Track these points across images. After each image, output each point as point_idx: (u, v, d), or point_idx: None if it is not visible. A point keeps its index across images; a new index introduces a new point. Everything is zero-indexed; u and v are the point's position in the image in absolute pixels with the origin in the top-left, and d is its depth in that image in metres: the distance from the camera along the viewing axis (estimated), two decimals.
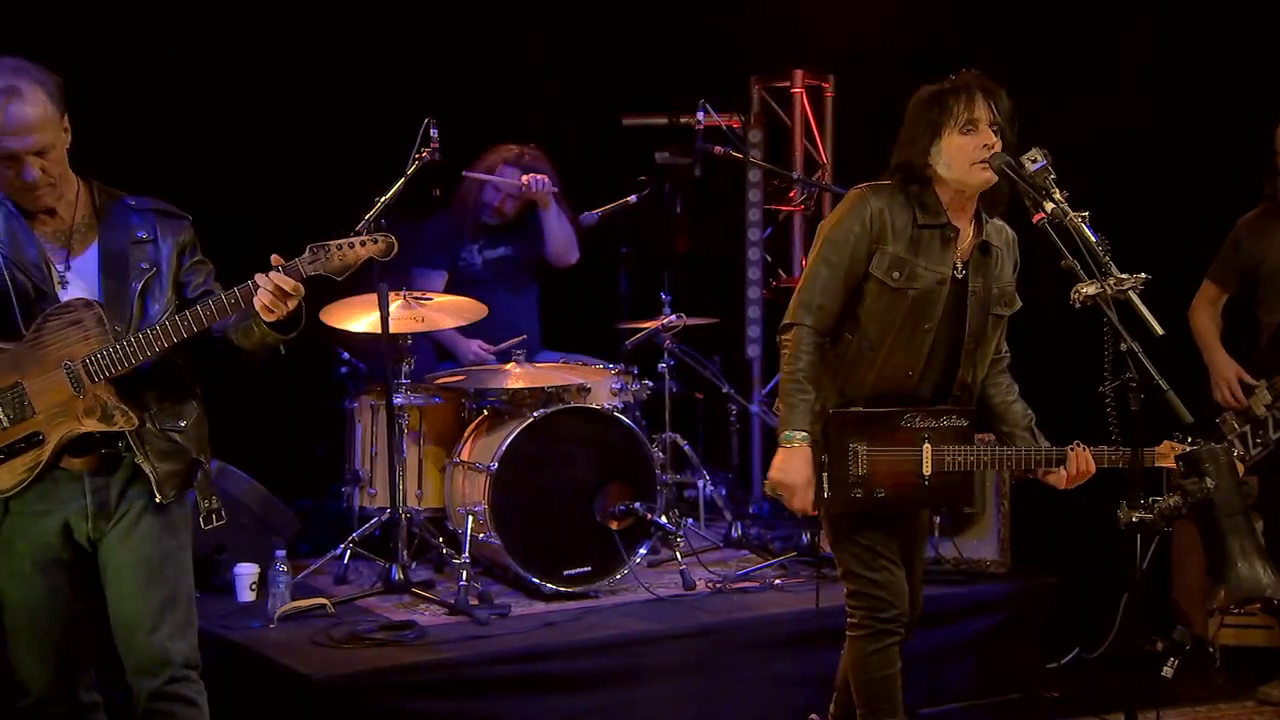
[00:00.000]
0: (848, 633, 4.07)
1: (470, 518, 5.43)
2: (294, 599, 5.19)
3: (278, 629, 5.00)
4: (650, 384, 6.03)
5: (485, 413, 5.81)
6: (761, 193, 7.41)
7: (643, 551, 5.53)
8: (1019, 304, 4.00)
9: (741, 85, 7.61)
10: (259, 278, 3.28)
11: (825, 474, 3.84)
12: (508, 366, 5.79)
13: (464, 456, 5.65)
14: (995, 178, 3.76)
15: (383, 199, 5.28)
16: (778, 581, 5.54)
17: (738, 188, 7.48)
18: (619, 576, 5.47)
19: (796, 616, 5.11)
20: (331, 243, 3.32)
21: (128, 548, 3.39)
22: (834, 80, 7.53)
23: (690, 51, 7.37)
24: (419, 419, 5.79)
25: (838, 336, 3.87)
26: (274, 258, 3.31)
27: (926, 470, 3.82)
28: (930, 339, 3.84)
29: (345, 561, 5.69)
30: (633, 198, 6.53)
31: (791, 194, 7.44)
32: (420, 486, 5.80)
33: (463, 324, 5.90)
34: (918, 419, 3.82)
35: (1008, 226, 4.00)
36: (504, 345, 6.07)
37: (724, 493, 6.52)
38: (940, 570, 5.37)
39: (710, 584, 5.55)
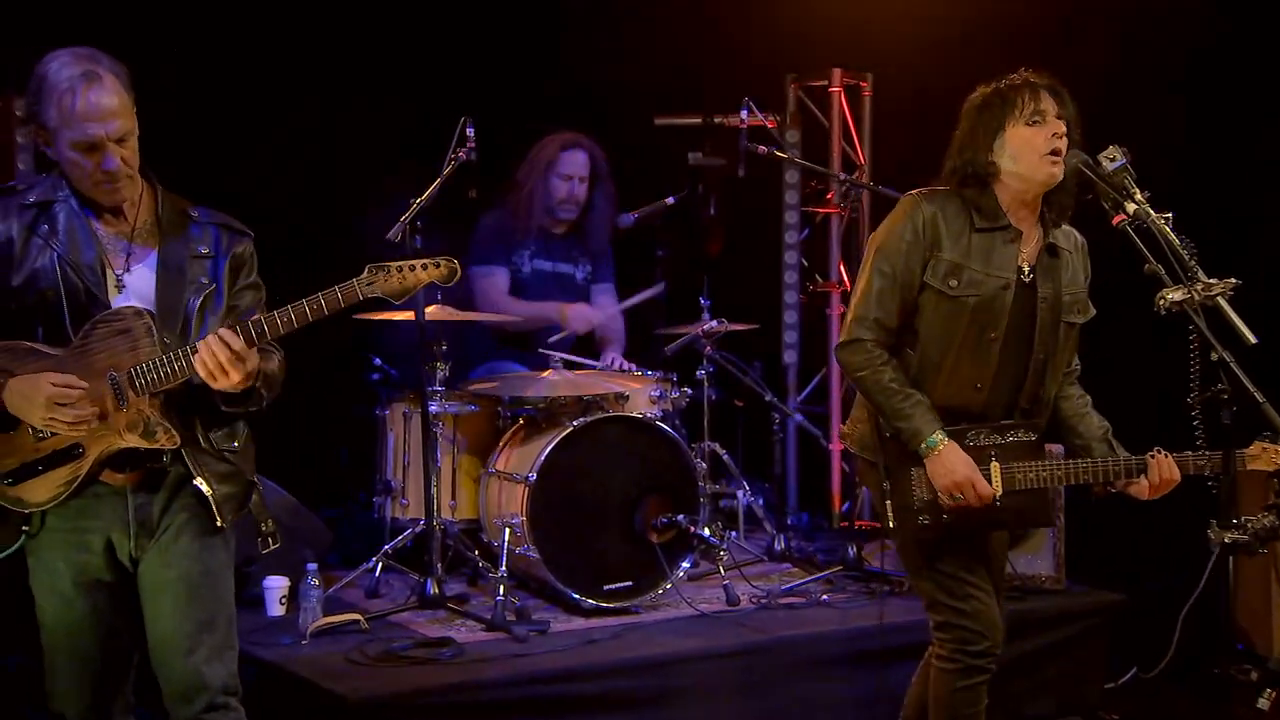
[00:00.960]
0: (935, 663, 3.86)
1: (507, 530, 5.26)
2: (326, 614, 5.02)
3: (310, 645, 4.83)
4: (689, 391, 5.85)
5: (521, 421, 5.63)
6: (799, 194, 7.23)
7: (685, 565, 5.35)
8: (1092, 311, 3.82)
9: (776, 84, 7.43)
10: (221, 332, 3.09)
11: (889, 501, 3.68)
12: (544, 374, 5.60)
13: (500, 466, 5.47)
14: (1061, 174, 3.59)
15: (418, 201, 5.11)
16: (825, 597, 5.35)
17: (772, 189, 7.30)
18: (661, 591, 5.29)
19: (848, 634, 4.95)
20: (392, 264, 3.16)
21: (167, 565, 3.26)
22: (872, 79, 7.33)
23: (723, 50, 7.18)
24: (453, 427, 5.61)
25: (898, 353, 3.69)
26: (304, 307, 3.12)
27: (997, 489, 3.64)
28: (997, 348, 3.65)
29: (377, 574, 5.51)
30: (671, 199, 6.37)
31: (829, 196, 7.25)
32: (454, 497, 5.62)
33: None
34: (983, 436, 3.64)
35: (1076, 232, 3.82)
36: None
37: (762, 503, 6.32)
38: None
39: (754, 599, 5.37)
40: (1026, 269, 3.67)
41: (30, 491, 3.18)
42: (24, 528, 3.22)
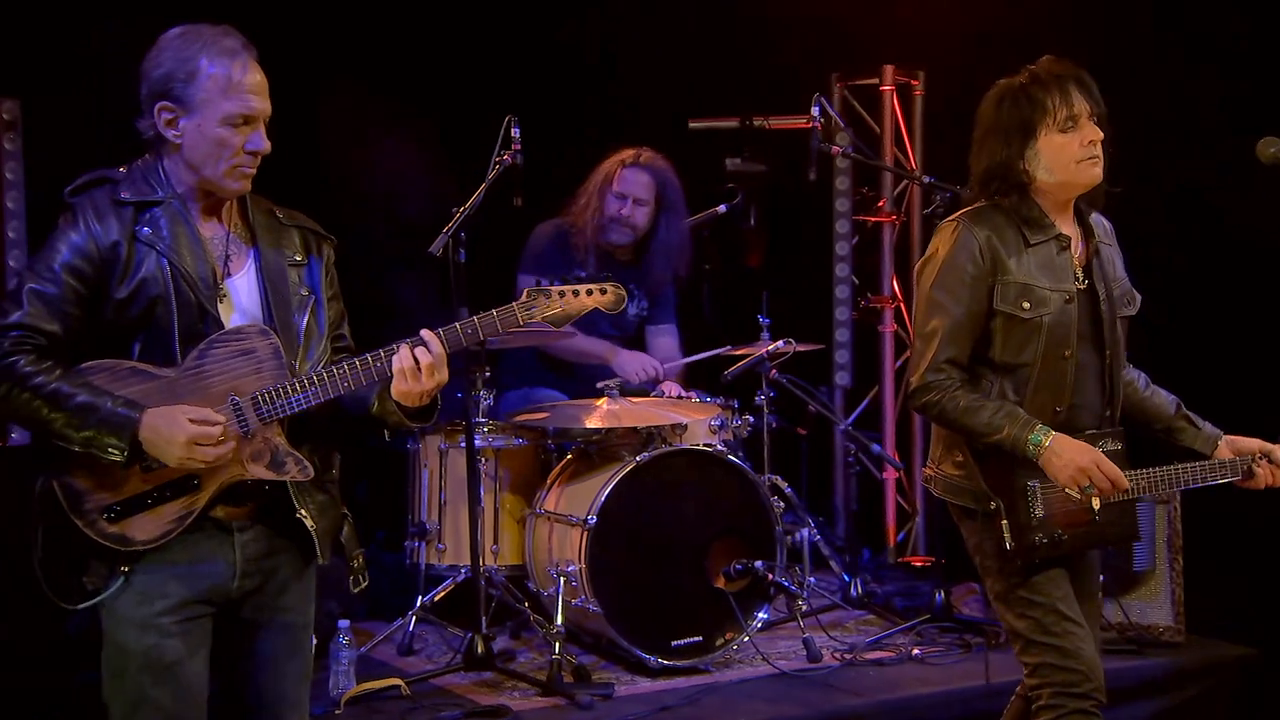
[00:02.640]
0: (1035, 715, 3.45)
1: (562, 579, 4.69)
2: (359, 678, 4.51)
3: (345, 716, 4.30)
4: (751, 419, 5.30)
5: (569, 455, 5.07)
6: (850, 201, 6.69)
7: (762, 616, 4.80)
8: (1139, 298, 3.59)
9: (819, 84, 6.87)
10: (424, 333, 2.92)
11: (1005, 521, 3.35)
12: (599, 403, 5.04)
13: (550, 507, 4.91)
14: (1102, 172, 3.38)
15: (462, 209, 4.57)
16: (916, 651, 4.82)
17: (814, 195, 6.77)
18: (734, 646, 4.73)
19: (952, 697, 4.48)
20: (554, 288, 2.99)
21: (275, 611, 3.00)
22: (923, 77, 6.81)
23: (761, 48, 6.66)
24: (495, 462, 5.04)
25: (972, 388, 3.40)
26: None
27: (1095, 505, 3.36)
28: (1072, 367, 3.40)
29: (410, 628, 4.94)
30: (722, 207, 5.87)
31: (881, 203, 6.73)
32: (497, 540, 5.04)
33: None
34: None
35: (1103, 217, 3.59)
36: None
37: (821, 538, 5.75)
38: (1104, 638, 4.61)
39: (837, 655, 4.81)
40: (1080, 274, 3.45)
41: (136, 528, 2.84)
42: (123, 569, 2.85)
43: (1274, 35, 5.52)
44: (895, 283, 6.75)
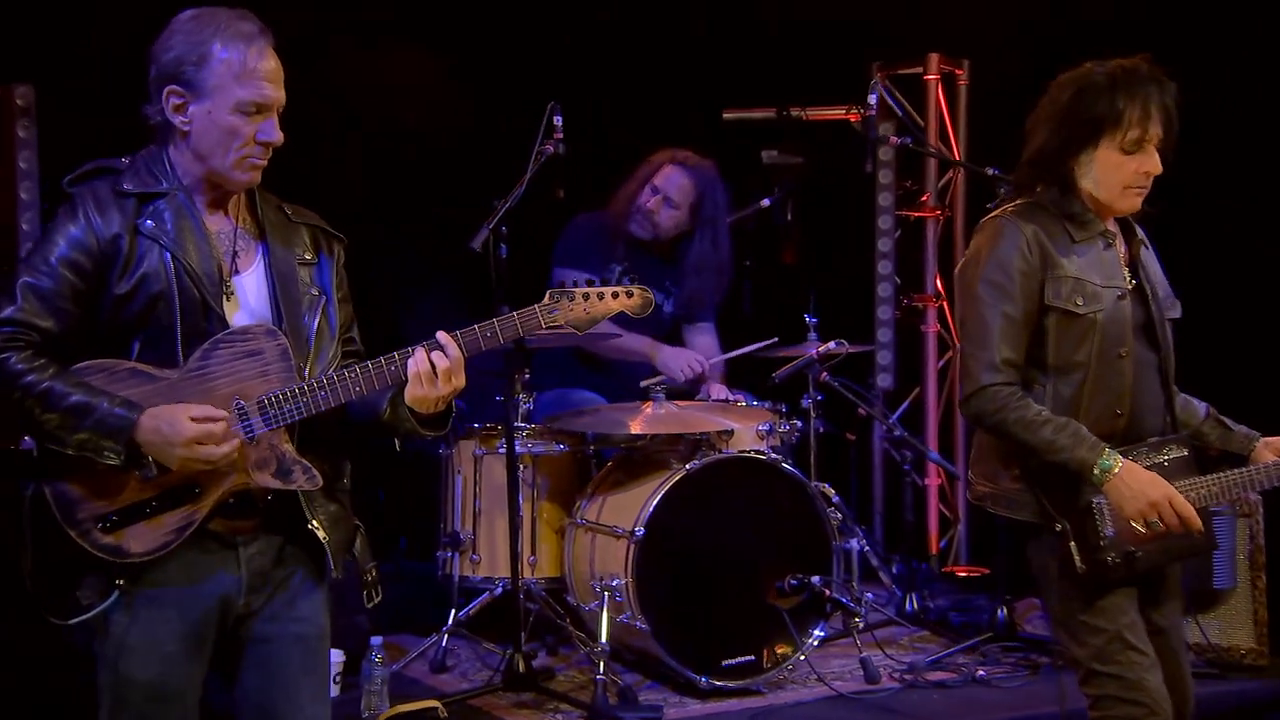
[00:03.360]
0: None
1: (606, 594, 4.42)
2: (393, 698, 4.24)
3: None
4: (800, 424, 5.03)
5: (610, 462, 4.81)
6: (893, 196, 6.42)
7: (819, 634, 4.54)
8: (1178, 301, 3.42)
9: (858, 73, 6.61)
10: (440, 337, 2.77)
11: (1072, 543, 3.15)
12: (643, 406, 4.77)
13: (592, 517, 4.64)
14: (1139, 207, 3.24)
15: (505, 202, 4.31)
16: (981, 672, 4.55)
17: (849, 188, 6.51)
18: (789, 666, 4.47)
19: None
20: (577, 290, 2.86)
21: (284, 626, 2.83)
22: (969, 66, 6.54)
23: (797, 35, 6.41)
24: (533, 469, 4.77)
25: (1027, 391, 3.21)
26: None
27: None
28: (1129, 366, 3.23)
29: (443, 644, 4.68)
30: (765, 201, 5.65)
31: (924, 198, 6.46)
32: (534, 552, 4.78)
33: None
34: (1141, 458, 3.18)
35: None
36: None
37: (871, 549, 5.49)
38: None
39: (895, 675, 4.55)
40: (1127, 272, 3.28)
41: (133, 538, 2.69)
42: (118, 582, 2.70)
43: None
44: (938, 281, 6.49)
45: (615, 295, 2.87)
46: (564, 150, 4.55)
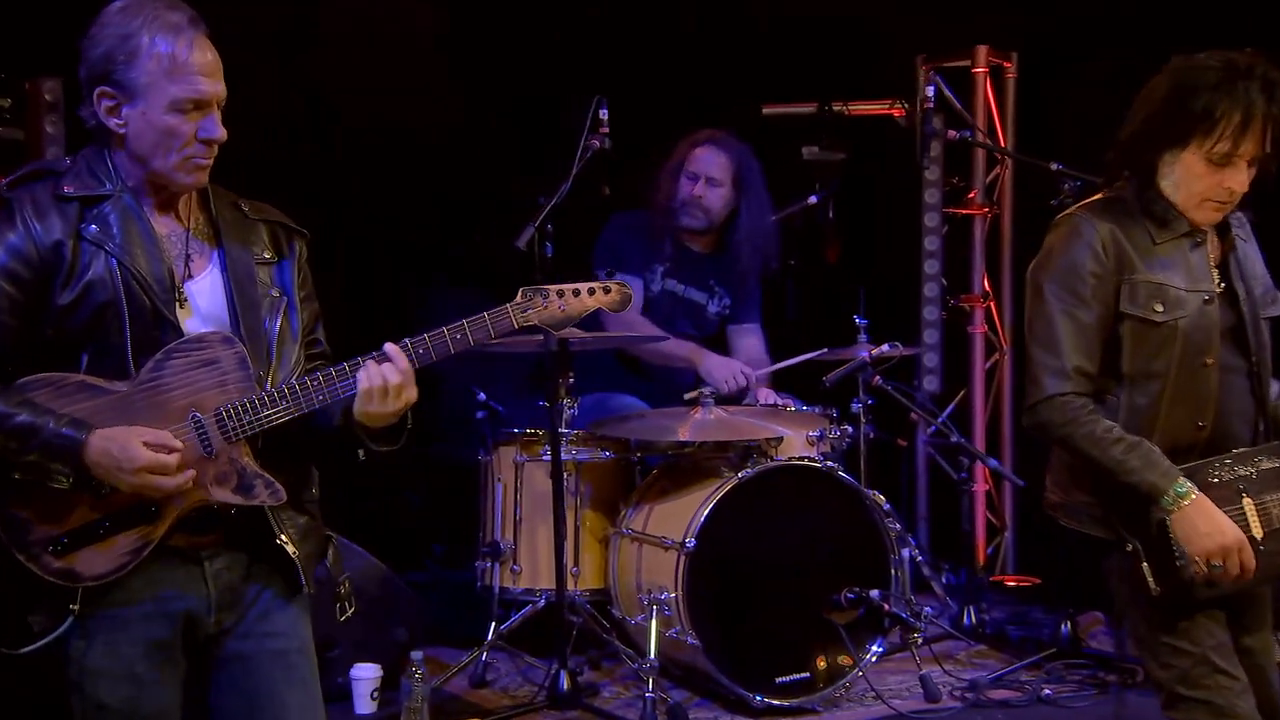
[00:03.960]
0: None
1: (654, 608, 4.24)
2: (434, 716, 4.01)
3: None
4: (850, 430, 4.84)
5: (656, 470, 4.64)
6: (940, 193, 6.23)
7: (877, 650, 4.35)
8: None
9: (902, 66, 6.42)
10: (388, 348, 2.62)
11: (1144, 564, 2.93)
12: (693, 412, 4.59)
13: (638, 527, 4.47)
14: (1217, 221, 3.02)
15: (551, 201, 4.13)
16: (1047, 691, 4.35)
17: (886, 182, 6.34)
18: (845, 684, 4.29)
19: None
20: (551, 288, 2.72)
21: (259, 643, 2.69)
22: (1016, 59, 6.34)
23: (839, 28, 6.21)
24: (576, 476, 4.59)
25: (1098, 402, 2.99)
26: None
27: (1256, 531, 2.95)
28: (1215, 375, 3.01)
29: (483, 657, 4.50)
30: (813, 198, 5.45)
31: (971, 194, 6.27)
32: (577, 562, 4.59)
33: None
34: (1226, 469, 2.98)
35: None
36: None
37: (924, 559, 5.30)
38: None
39: (956, 693, 4.36)
40: (1216, 273, 3.05)
41: (84, 562, 2.54)
42: (71, 607, 2.55)
43: None
44: (985, 281, 6.29)
45: (592, 292, 2.73)
46: (609, 145, 4.38)
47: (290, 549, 2.64)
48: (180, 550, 2.59)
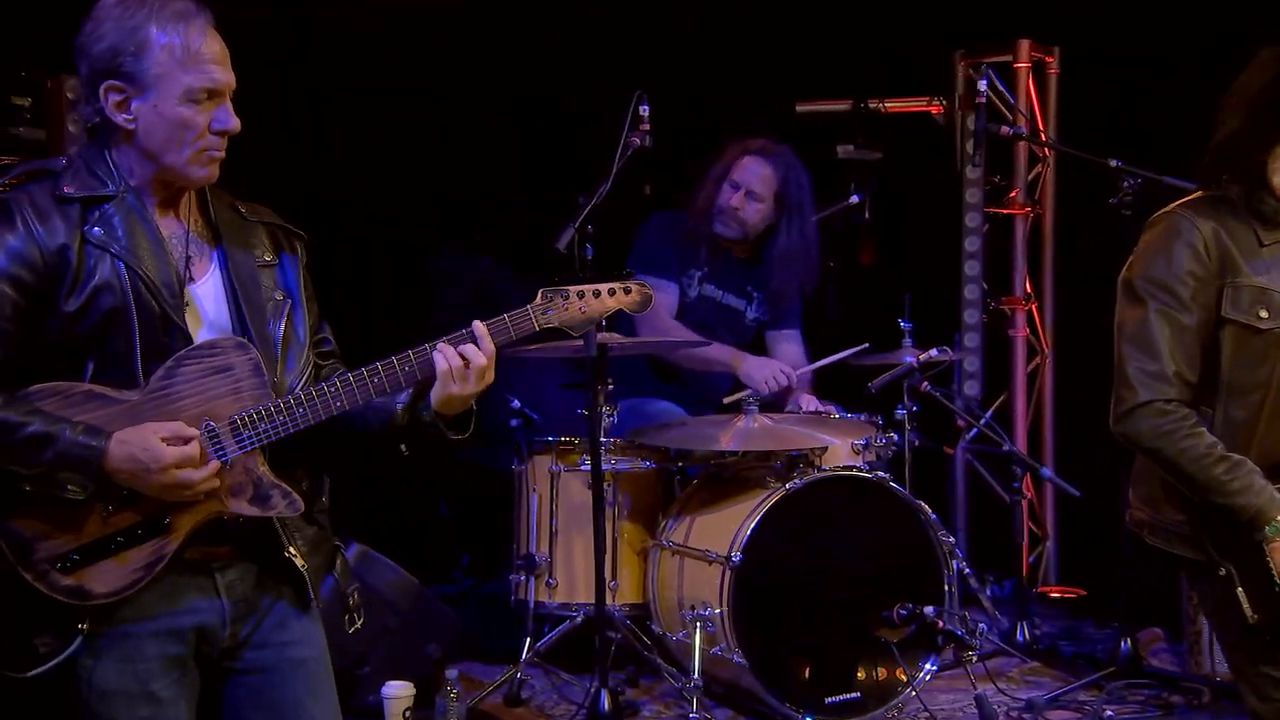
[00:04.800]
0: None
1: (698, 624, 4.07)
2: None
3: None
4: (896, 438, 4.67)
5: (697, 480, 4.46)
6: (981, 192, 6.06)
7: (931, 668, 4.17)
8: None
9: (939, 61, 6.25)
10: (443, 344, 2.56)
11: (1240, 589, 2.75)
12: (736, 420, 4.42)
13: (679, 539, 4.30)
14: None
15: (591, 201, 3.98)
16: (1109, 712, 4.17)
17: (925, 182, 6.18)
18: (897, 704, 4.11)
19: None
20: (571, 288, 2.66)
21: (278, 652, 2.61)
22: (1059, 53, 6.16)
23: (874, 22, 6.04)
24: (614, 487, 4.42)
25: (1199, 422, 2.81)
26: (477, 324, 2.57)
27: None
28: None
29: (518, 674, 4.34)
30: (855, 197, 5.29)
31: (1013, 194, 6.10)
32: (615, 576, 4.42)
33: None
34: None
35: None
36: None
37: (973, 572, 5.11)
38: None
39: (1013, 714, 4.19)
40: None
41: (96, 578, 2.44)
42: (80, 626, 2.45)
43: None
44: (1027, 282, 6.12)
45: (613, 293, 2.67)
46: (650, 143, 4.21)
47: (299, 561, 2.57)
48: (192, 562, 2.51)
